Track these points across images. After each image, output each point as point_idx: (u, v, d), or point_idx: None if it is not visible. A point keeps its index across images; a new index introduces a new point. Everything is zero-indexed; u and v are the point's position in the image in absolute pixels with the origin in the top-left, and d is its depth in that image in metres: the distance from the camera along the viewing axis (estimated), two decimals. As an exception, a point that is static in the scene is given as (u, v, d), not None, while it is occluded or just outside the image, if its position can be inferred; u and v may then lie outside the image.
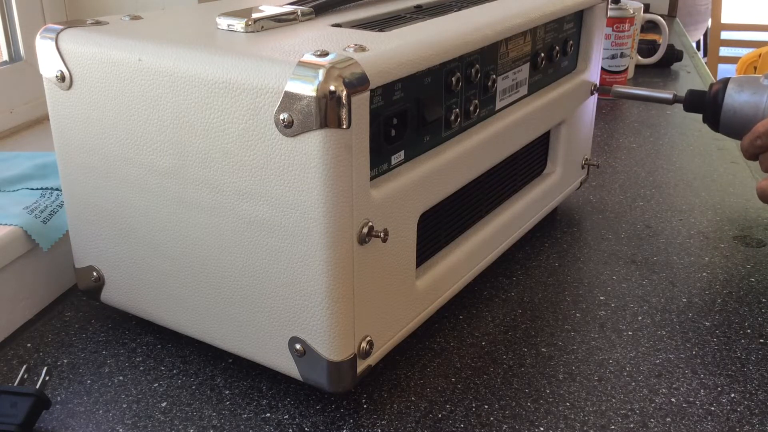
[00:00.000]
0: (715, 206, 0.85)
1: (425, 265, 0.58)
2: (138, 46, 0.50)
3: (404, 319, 0.55)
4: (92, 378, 0.56)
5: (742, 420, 0.52)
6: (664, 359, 0.59)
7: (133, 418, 0.52)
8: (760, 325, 0.63)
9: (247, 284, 0.51)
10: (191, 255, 0.53)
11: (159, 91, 0.50)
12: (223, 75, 0.46)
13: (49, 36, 0.54)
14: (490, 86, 0.61)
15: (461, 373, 0.57)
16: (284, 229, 0.47)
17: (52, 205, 0.67)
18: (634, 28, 1.24)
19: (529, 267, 0.72)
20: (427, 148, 0.55)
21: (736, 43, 3.34)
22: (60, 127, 0.56)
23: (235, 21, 0.53)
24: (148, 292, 0.57)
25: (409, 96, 0.51)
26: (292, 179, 0.46)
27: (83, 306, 0.65)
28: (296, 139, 0.45)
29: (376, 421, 0.52)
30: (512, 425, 0.52)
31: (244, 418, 0.52)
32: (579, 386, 0.56)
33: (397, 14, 0.61)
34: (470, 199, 0.63)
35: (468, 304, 0.66)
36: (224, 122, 0.47)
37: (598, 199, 0.87)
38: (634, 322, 0.63)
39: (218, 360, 0.58)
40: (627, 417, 0.52)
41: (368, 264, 0.49)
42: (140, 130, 0.52)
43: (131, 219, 0.55)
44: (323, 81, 0.43)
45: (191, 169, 0.50)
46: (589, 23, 0.76)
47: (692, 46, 1.67)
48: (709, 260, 0.73)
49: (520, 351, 0.60)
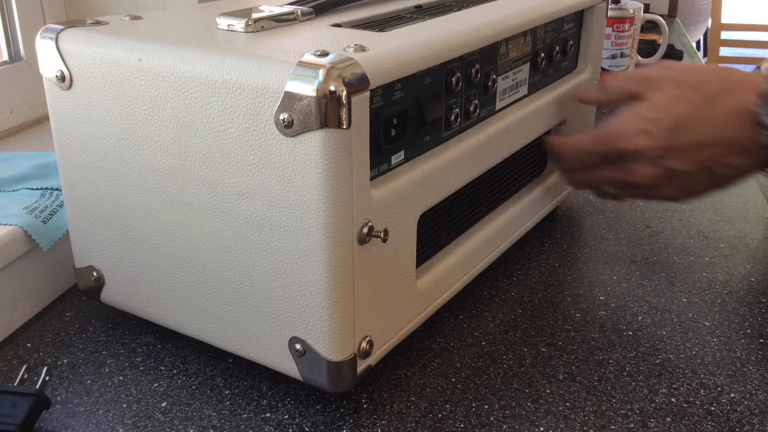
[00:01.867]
0: (715, 206, 0.85)
1: (425, 265, 0.58)
2: (138, 46, 0.50)
3: (404, 319, 0.55)
4: (92, 378, 0.56)
5: (742, 420, 0.52)
6: (664, 359, 0.59)
7: (133, 418, 0.52)
8: (760, 325, 0.63)
9: (247, 284, 0.51)
10: (191, 255, 0.53)
11: (159, 91, 0.50)
12: (223, 75, 0.46)
13: (49, 36, 0.54)
14: (490, 86, 0.61)
15: (461, 373, 0.57)
16: (284, 229, 0.47)
17: (52, 205, 0.67)
18: (634, 28, 1.24)
19: (529, 267, 0.72)
20: (427, 148, 0.55)
21: (736, 43, 3.35)
22: (60, 127, 0.56)
23: (235, 21, 0.53)
24: (148, 292, 0.57)
25: (409, 96, 0.51)
26: (292, 179, 0.46)
27: (83, 306, 0.65)
28: (296, 139, 0.45)
29: (376, 421, 0.52)
30: (512, 425, 0.52)
31: (244, 418, 0.52)
32: (579, 386, 0.56)
33: (397, 14, 0.61)
34: (470, 199, 0.63)
35: (468, 304, 0.66)
36: (224, 122, 0.47)
37: (598, 199, 0.87)
38: (634, 322, 0.63)
39: (218, 360, 0.58)
40: (627, 417, 0.52)
41: (368, 264, 0.49)
42: (140, 130, 0.52)
43: (131, 219, 0.55)
44: (323, 81, 0.43)
45: (191, 169, 0.50)
46: (589, 23, 0.76)
47: (692, 46, 1.67)
48: (709, 260, 0.73)
49: (520, 351, 0.60)
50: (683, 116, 0.59)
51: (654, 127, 0.59)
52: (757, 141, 0.56)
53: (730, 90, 0.58)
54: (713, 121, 0.58)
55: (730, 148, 0.58)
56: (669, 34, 1.42)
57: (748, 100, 0.57)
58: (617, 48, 1.22)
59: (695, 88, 0.60)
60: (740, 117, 0.57)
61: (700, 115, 0.59)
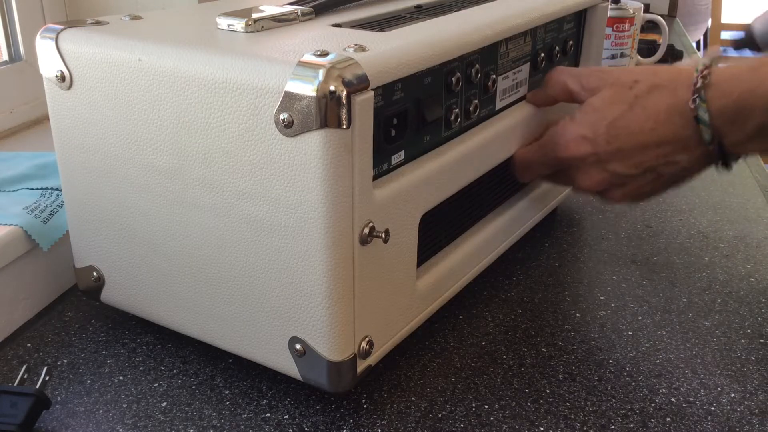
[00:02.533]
0: (715, 206, 0.85)
1: (426, 265, 0.58)
2: (138, 46, 0.50)
3: (404, 319, 0.55)
4: (92, 378, 0.56)
5: (742, 420, 0.52)
6: (664, 359, 0.59)
7: (133, 418, 0.52)
8: (760, 325, 0.63)
9: (248, 284, 0.51)
10: (191, 255, 0.53)
11: (159, 91, 0.50)
12: (223, 75, 0.46)
13: (49, 36, 0.54)
14: (490, 86, 0.61)
15: (461, 373, 0.57)
16: (284, 229, 0.47)
17: (52, 205, 0.67)
18: (634, 28, 1.24)
19: (529, 267, 0.72)
20: (428, 148, 0.55)
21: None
22: (60, 127, 0.56)
23: (235, 21, 0.53)
24: (148, 292, 0.57)
25: (409, 96, 0.51)
26: (292, 179, 0.46)
27: (83, 306, 0.65)
28: (296, 139, 0.45)
29: (376, 421, 0.52)
30: (512, 425, 0.52)
31: (244, 418, 0.52)
32: (579, 386, 0.56)
33: (397, 14, 0.61)
34: (471, 199, 0.63)
35: (468, 304, 0.66)
36: (224, 122, 0.47)
37: (598, 199, 0.87)
38: (634, 322, 0.63)
39: (218, 360, 0.58)
40: (627, 417, 0.52)
41: (369, 264, 0.49)
42: (140, 130, 0.52)
43: (131, 219, 0.55)
44: (323, 81, 0.43)
45: (191, 169, 0.50)
46: (589, 23, 0.76)
47: (692, 46, 1.67)
48: (709, 260, 0.73)
49: (520, 351, 0.60)
50: (619, 117, 0.57)
51: (592, 132, 0.58)
52: (699, 136, 0.55)
53: (662, 86, 0.56)
54: (650, 120, 0.56)
55: (672, 146, 0.56)
56: (669, 34, 1.42)
57: (683, 95, 0.55)
58: (617, 48, 1.22)
59: (628, 87, 0.58)
60: (676, 113, 0.55)
61: (635, 115, 0.57)
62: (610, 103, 0.58)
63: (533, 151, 0.64)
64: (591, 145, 0.59)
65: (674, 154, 0.57)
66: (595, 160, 0.59)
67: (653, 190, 0.60)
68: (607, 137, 0.58)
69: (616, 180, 0.59)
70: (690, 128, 0.55)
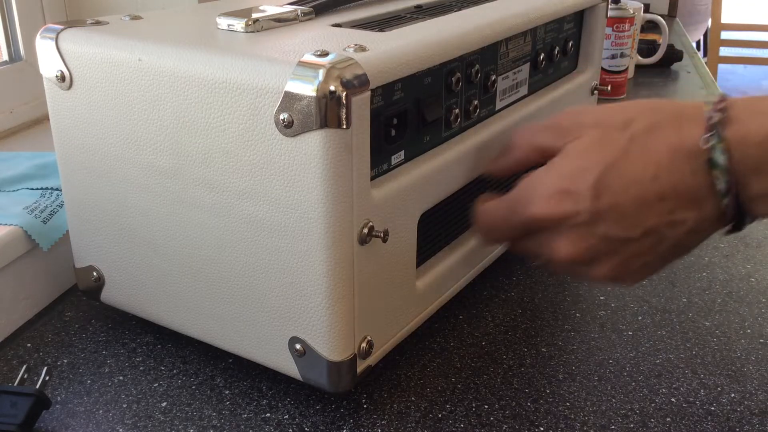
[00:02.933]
0: (715, 206, 0.85)
1: (425, 265, 0.58)
2: (138, 46, 0.50)
3: (404, 319, 0.55)
4: (92, 378, 0.56)
5: (742, 420, 0.52)
6: (664, 359, 0.59)
7: (133, 418, 0.52)
8: (760, 325, 0.63)
9: (247, 284, 0.51)
10: (191, 255, 0.53)
11: (159, 91, 0.50)
12: (223, 75, 0.46)
13: (49, 36, 0.54)
14: (490, 86, 0.61)
15: (461, 373, 0.57)
16: (284, 229, 0.47)
17: (52, 205, 0.67)
18: (634, 28, 1.24)
19: (529, 267, 0.72)
20: (428, 148, 0.55)
21: (736, 43, 3.35)
22: (60, 127, 0.56)
23: (235, 21, 0.53)
24: (148, 292, 0.57)
25: (409, 96, 0.51)
26: (292, 179, 0.46)
27: (83, 306, 0.65)
28: (296, 139, 0.45)
29: (376, 421, 0.52)
30: (512, 425, 0.52)
31: (244, 418, 0.52)
32: (579, 386, 0.56)
33: (397, 14, 0.61)
34: (471, 199, 0.63)
35: (468, 304, 0.66)
36: (224, 122, 0.47)
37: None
38: (634, 322, 0.63)
39: (218, 360, 0.58)
40: (627, 417, 0.52)
41: (368, 264, 0.49)
42: (140, 130, 0.52)
43: (131, 219, 0.55)
44: (323, 81, 0.43)
45: (191, 169, 0.50)
46: (589, 23, 0.76)
47: (692, 46, 1.67)
48: (709, 260, 0.73)
49: (520, 351, 0.60)
50: (611, 165, 0.45)
51: (575, 185, 0.45)
52: (712, 187, 0.43)
53: (664, 123, 0.45)
54: (650, 166, 0.44)
55: (676, 200, 0.44)
56: (669, 34, 1.42)
57: (691, 133, 0.43)
58: (617, 48, 1.22)
59: (621, 128, 0.46)
60: (682, 156, 0.44)
61: (631, 161, 0.45)
62: (599, 146, 0.46)
63: (500, 209, 0.51)
64: (574, 202, 0.45)
65: (679, 211, 0.44)
66: (579, 222, 0.45)
67: (648, 264, 0.47)
68: (595, 191, 0.45)
69: (605, 247, 0.46)
70: (700, 175, 0.43)
